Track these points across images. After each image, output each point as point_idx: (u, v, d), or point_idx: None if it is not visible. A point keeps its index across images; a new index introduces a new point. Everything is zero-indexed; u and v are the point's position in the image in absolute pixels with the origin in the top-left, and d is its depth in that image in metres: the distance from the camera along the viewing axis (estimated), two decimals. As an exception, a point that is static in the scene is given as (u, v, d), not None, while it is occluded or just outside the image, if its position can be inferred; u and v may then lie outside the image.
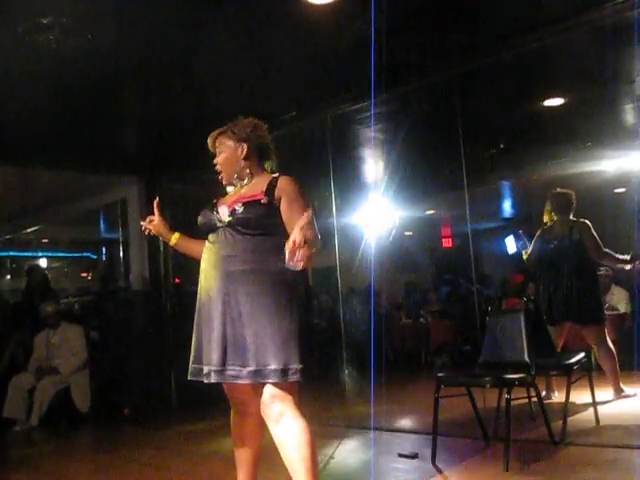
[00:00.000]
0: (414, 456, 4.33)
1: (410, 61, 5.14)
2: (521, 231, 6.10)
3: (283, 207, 2.81)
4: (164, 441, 5.47)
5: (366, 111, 5.86)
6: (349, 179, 7.95)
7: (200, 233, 2.98)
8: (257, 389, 2.78)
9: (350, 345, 6.56)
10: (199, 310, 2.88)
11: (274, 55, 5.06)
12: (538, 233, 5.93)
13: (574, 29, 4.78)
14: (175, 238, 3.13)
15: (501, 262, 12.29)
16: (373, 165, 8.30)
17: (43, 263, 12.21)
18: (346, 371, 6.32)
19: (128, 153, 7.35)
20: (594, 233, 5.60)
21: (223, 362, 2.71)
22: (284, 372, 2.67)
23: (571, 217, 5.79)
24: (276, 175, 2.95)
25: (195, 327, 2.89)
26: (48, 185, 8.36)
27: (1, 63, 4.67)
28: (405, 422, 5.51)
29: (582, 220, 5.71)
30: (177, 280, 7.94)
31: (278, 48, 4.94)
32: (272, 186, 2.85)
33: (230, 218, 2.81)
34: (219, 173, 3.05)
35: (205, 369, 2.77)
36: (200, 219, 2.98)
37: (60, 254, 12.86)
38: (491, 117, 6.65)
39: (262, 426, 2.91)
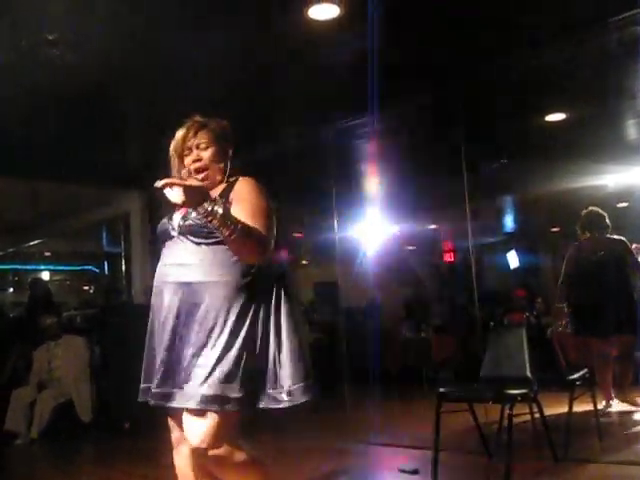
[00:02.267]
0: (415, 472, 4.30)
1: (411, 76, 5.16)
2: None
3: (233, 209, 2.39)
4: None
5: (367, 126, 5.88)
6: (350, 194, 7.96)
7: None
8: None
9: (351, 360, 6.54)
10: (151, 324, 2.55)
11: (275, 71, 5.08)
12: (572, 250, 6.02)
13: (576, 45, 4.81)
14: None
15: (503, 277, 12.30)
16: (374, 180, 8.31)
17: (45, 276, 12.23)
18: (347, 386, 6.30)
19: (131, 167, 7.38)
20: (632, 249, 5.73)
21: (162, 383, 2.38)
22: (221, 400, 2.29)
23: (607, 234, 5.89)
24: (235, 178, 2.59)
25: (147, 342, 2.57)
26: (51, 198, 8.41)
27: (7, 77, 4.70)
28: (406, 437, 5.48)
29: (620, 237, 5.86)
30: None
31: (280, 64, 4.97)
32: (228, 189, 2.50)
33: (180, 226, 2.48)
34: (200, 171, 2.59)
35: (147, 388, 2.50)
36: (157, 229, 2.63)
37: (62, 267, 12.89)
38: (493, 132, 6.66)
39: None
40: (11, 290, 12.50)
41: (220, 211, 2.27)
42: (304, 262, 15.28)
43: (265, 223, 2.42)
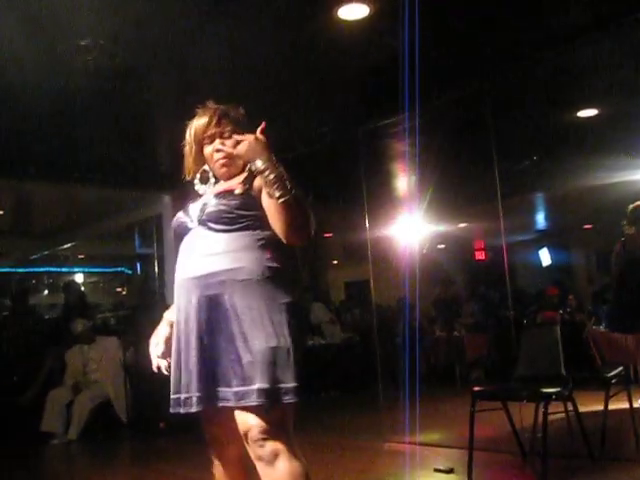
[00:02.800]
0: (450, 471, 4.30)
1: (442, 74, 5.14)
2: None
3: (264, 197, 2.19)
4: (199, 455, 5.48)
5: (398, 125, 5.87)
6: (382, 193, 7.95)
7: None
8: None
9: (383, 358, 6.53)
10: (177, 328, 2.30)
11: (306, 70, 5.10)
12: (618, 246, 5.94)
13: (608, 39, 4.76)
14: None
15: (535, 274, 12.21)
16: (405, 179, 8.29)
17: (79, 279, 12.38)
18: (380, 385, 6.29)
19: (162, 170, 7.45)
20: None
21: (204, 386, 2.17)
22: (274, 392, 2.11)
23: None
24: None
25: (174, 349, 2.31)
26: (84, 202, 8.51)
27: (39, 82, 4.77)
28: (440, 436, 5.47)
29: None
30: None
31: (310, 63, 4.99)
32: (252, 176, 2.23)
33: (200, 214, 2.29)
34: (227, 163, 2.39)
35: (183, 397, 2.22)
36: (172, 225, 2.44)
37: (96, 269, 13.04)
38: (524, 129, 6.62)
39: (246, 475, 2.38)
40: (46, 292, 12.67)
41: (280, 167, 2.12)
42: (334, 262, 15.31)
43: (307, 205, 2.18)
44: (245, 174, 2.27)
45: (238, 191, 2.21)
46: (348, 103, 5.79)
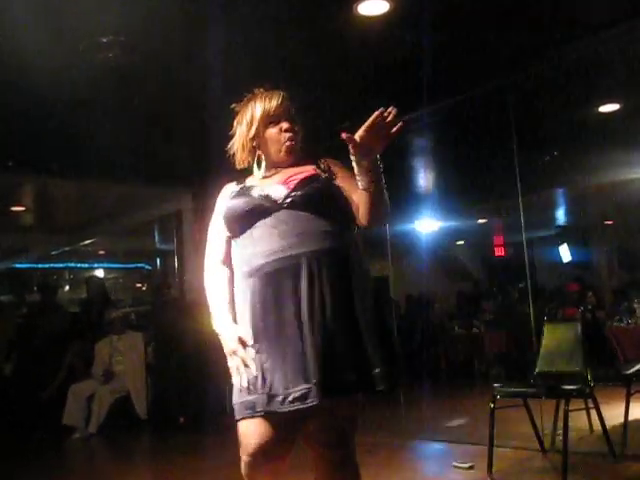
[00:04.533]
0: (470, 467, 4.30)
1: (462, 70, 5.12)
2: None
3: (343, 184, 2.24)
4: (219, 449, 5.52)
5: (418, 121, 5.85)
6: (401, 188, 7.94)
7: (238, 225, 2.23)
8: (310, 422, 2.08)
9: (404, 355, 6.53)
10: (262, 322, 2.07)
11: (325, 67, 5.10)
12: None
13: (629, 33, 4.72)
14: None
15: (555, 271, 12.13)
16: (425, 174, 8.28)
17: (100, 274, 12.47)
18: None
19: (183, 166, 7.47)
20: None
21: (322, 376, 1.94)
22: (389, 376, 2.02)
23: None
24: (321, 159, 2.37)
25: (250, 347, 2.08)
26: (105, 198, 8.57)
27: (62, 80, 4.81)
28: (460, 433, 5.46)
29: None
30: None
31: (329, 60, 4.99)
32: (323, 166, 2.30)
33: (291, 196, 2.16)
34: (295, 148, 2.35)
35: (280, 396, 1.96)
36: (241, 205, 2.22)
37: (116, 265, 13.12)
38: (545, 124, 6.57)
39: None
40: (67, 288, 12.78)
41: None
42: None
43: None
44: (312, 164, 2.31)
45: (323, 177, 2.25)
46: (367, 99, 5.78)
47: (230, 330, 2.16)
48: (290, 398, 1.95)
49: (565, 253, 12.25)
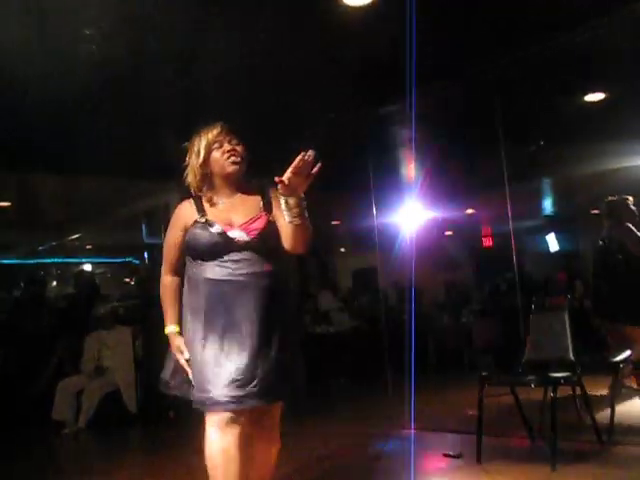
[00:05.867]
0: (459, 456, 4.32)
1: (447, 59, 5.12)
2: None
3: (276, 212, 2.76)
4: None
5: (404, 111, 5.85)
6: (388, 179, 7.93)
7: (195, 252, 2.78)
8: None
9: (391, 345, 6.54)
10: (213, 326, 2.67)
11: (311, 57, 5.08)
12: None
13: (615, 22, 4.72)
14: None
15: (543, 260, 12.17)
16: (412, 165, 8.27)
17: (87, 269, 12.41)
18: (388, 371, 6.31)
19: (170, 159, 7.44)
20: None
21: (264, 381, 2.60)
22: (300, 390, 2.79)
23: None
24: (263, 185, 2.88)
25: (207, 353, 2.65)
26: (91, 192, 8.51)
27: (45, 73, 4.77)
28: (449, 422, 5.48)
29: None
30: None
31: (315, 50, 4.97)
32: (267, 201, 2.82)
33: (251, 243, 2.71)
34: (238, 161, 2.81)
35: (240, 391, 2.57)
36: (204, 241, 2.73)
37: (104, 260, 13.06)
38: (531, 113, 6.58)
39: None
40: (54, 283, 12.70)
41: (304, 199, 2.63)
42: (342, 250, 15.29)
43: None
44: (260, 197, 2.85)
45: (271, 219, 2.77)
46: (354, 89, 5.77)
47: (173, 340, 2.82)
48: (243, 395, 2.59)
49: (552, 242, 12.29)
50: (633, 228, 5.53)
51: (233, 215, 2.79)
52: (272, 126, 6.24)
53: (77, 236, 10.91)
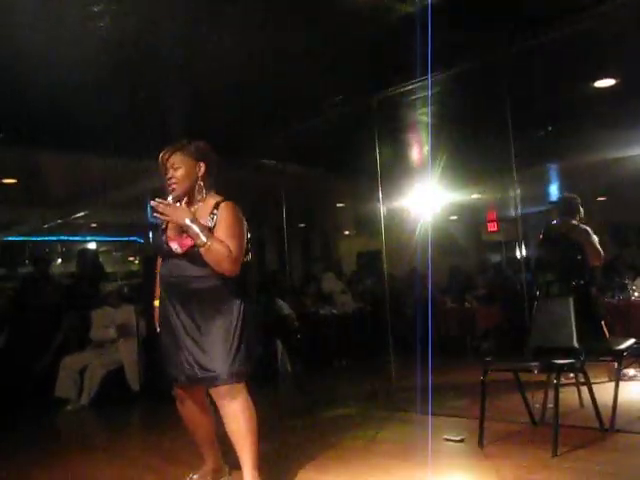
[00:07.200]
0: (460, 440, 4.33)
1: (457, 43, 5.07)
2: None
3: (217, 232, 3.23)
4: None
5: (412, 94, 5.82)
6: (395, 163, 7.91)
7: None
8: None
9: (395, 329, 6.54)
10: (162, 322, 3.48)
11: (321, 39, 5.05)
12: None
13: (625, 7, 4.68)
14: None
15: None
16: (419, 149, 8.24)
17: (92, 247, 12.42)
18: (392, 355, 6.31)
19: (175, 138, 7.41)
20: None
21: (190, 366, 3.31)
22: (230, 376, 3.24)
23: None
24: (219, 201, 3.35)
25: (161, 337, 3.49)
26: (97, 170, 8.50)
27: (51, 51, 4.74)
28: (451, 406, 5.49)
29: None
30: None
31: (323, 31, 4.94)
32: (213, 214, 3.30)
33: (180, 251, 3.30)
34: (171, 188, 3.35)
35: (174, 373, 3.39)
36: (158, 245, 3.48)
37: (108, 238, 13.07)
38: (540, 99, 6.53)
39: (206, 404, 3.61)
40: (59, 261, 12.73)
41: (194, 227, 3.16)
42: (346, 232, 15.29)
43: (237, 243, 3.21)
44: (210, 211, 3.34)
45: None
46: (362, 71, 5.73)
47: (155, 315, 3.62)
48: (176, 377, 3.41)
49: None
50: (594, 238, 5.68)
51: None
52: (281, 108, 6.22)
53: (82, 214, 10.90)
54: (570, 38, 5.09)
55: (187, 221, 3.17)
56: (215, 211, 3.30)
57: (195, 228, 3.16)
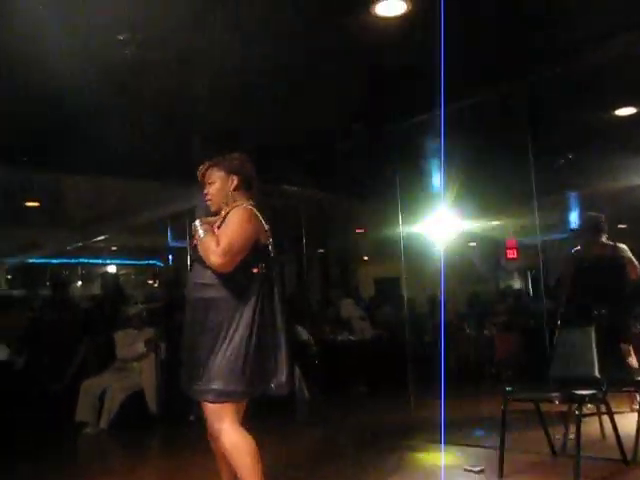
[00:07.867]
0: (480, 471, 4.28)
1: (478, 72, 5.11)
2: None
3: (218, 231, 3.16)
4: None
5: (433, 122, 5.84)
6: (415, 190, 7.92)
7: None
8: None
9: (414, 356, 6.51)
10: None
11: (342, 67, 5.09)
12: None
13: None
14: None
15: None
16: (439, 176, 8.25)
17: (112, 270, 12.51)
18: (410, 382, 6.28)
19: (196, 163, 7.47)
20: None
21: (193, 379, 3.12)
22: (219, 394, 3.03)
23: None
24: (234, 205, 3.27)
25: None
26: (118, 194, 8.58)
27: (76, 76, 4.81)
28: (471, 436, 5.44)
29: None
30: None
31: (346, 60, 4.98)
32: (224, 217, 3.23)
33: (195, 256, 3.23)
34: (207, 202, 3.40)
35: (187, 385, 3.19)
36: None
37: (128, 262, 13.16)
38: (560, 127, 6.54)
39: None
40: (79, 283, 12.82)
41: (198, 226, 3.17)
42: (365, 258, 15.27)
43: (228, 240, 3.07)
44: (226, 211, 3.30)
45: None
46: (383, 100, 5.77)
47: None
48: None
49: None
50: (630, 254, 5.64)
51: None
52: (301, 134, 6.27)
53: (103, 237, 10.99)
54: (591, 67, 5.11)
55: (196, 222, 3.19)
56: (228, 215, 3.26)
57: (198, 226, 3.17)
